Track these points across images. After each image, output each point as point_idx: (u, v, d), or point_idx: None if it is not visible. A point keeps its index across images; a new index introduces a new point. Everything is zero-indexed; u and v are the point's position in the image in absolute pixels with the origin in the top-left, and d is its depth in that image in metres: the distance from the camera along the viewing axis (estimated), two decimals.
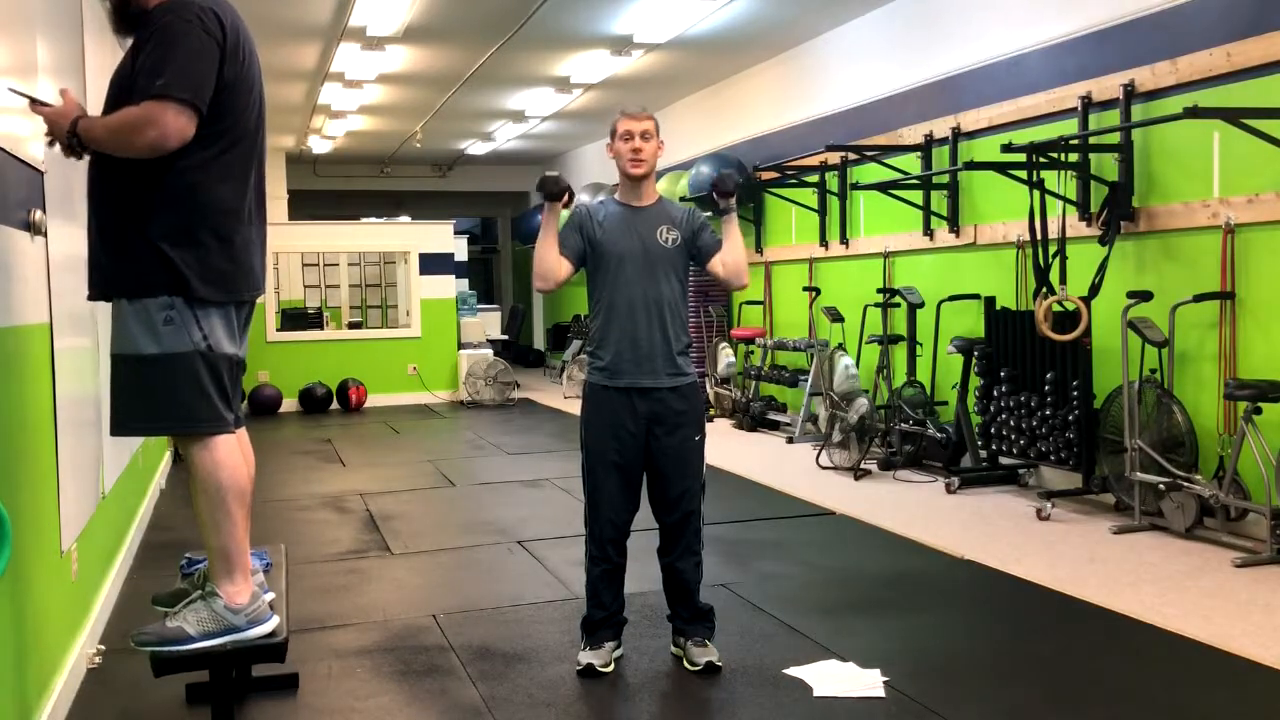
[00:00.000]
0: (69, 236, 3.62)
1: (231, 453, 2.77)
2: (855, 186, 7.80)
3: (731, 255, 3.57)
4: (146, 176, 2.66)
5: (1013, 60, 6.64)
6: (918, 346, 7.31)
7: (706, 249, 3.59)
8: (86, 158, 2.77)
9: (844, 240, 8.46)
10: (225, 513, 2.75)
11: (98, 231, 2.75)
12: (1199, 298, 5.16)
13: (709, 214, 3.69)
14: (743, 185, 3.59)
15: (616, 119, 3.56)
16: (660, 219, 3.57)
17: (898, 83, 7.78)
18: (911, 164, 7.49)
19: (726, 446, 8.15)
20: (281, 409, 11.43)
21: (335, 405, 11.62)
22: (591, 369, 3.60)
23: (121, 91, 2.68)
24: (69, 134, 2.64)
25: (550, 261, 3.53)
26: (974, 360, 6.38)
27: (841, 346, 7.58)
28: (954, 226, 7.11)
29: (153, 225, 2.66)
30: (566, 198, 3.56)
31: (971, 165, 6.31)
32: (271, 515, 6.07)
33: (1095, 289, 5.58)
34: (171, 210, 2.67)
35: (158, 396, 2.70)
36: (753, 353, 9.80)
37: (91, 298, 2.81)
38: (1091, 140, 5.79)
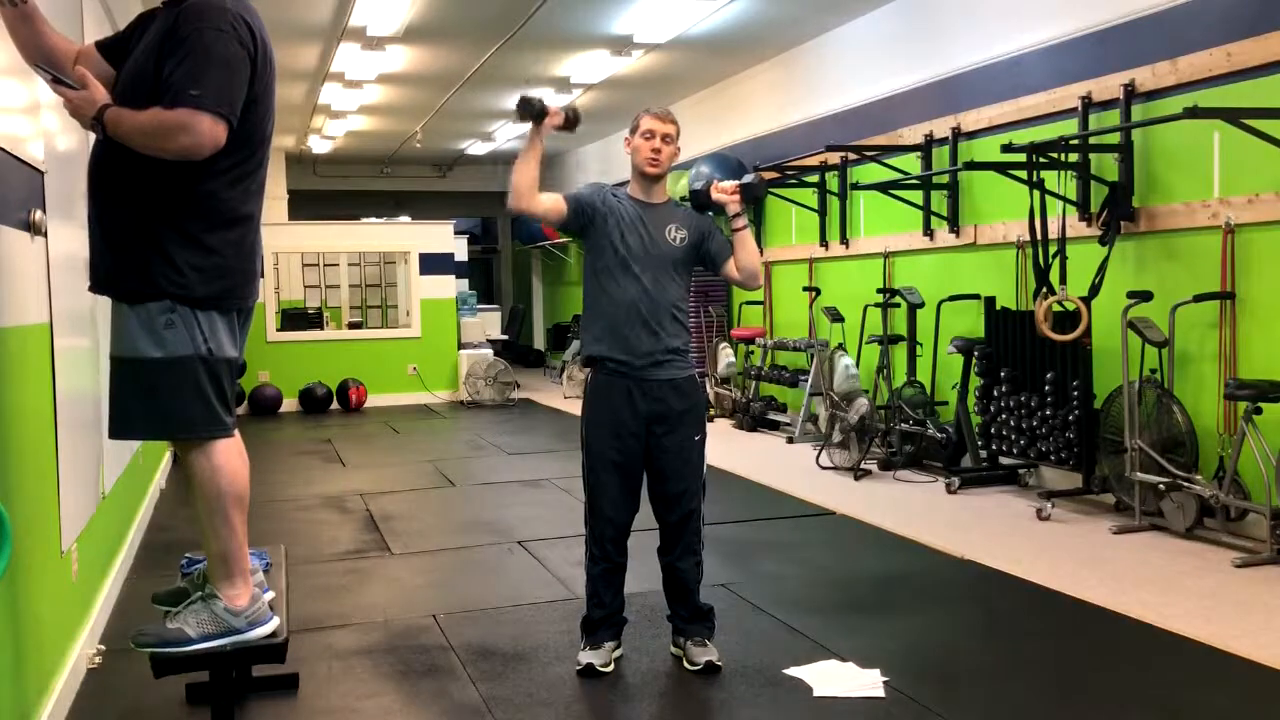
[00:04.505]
0: (69, 236, 3.62)
1: (230, 457, 2.75)
2: (855, 186, 7.80)
3: (749, 259, 3.57)
4: (164, 182, 2.63)
5: (1013, 60, 6.64)
6: (918, 346, 7.31)
7: (720, 254, 3.59)
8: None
9: (844, 240, 8.46)
10: (224, 518, 2.73)
11: (102, 232, 2.71)
12: (1199, 298, 5.16)
13: (710, 213, 3.68)
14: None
15: (641, 115, 3.57)
16: (669, 218, 3.58)
17: (898, 83, 7.78)
18: (911, 164, 7.49)
19: (726, 446, 8.15)
20: (281, 409, 11.43)
21: (335, 405, 11.62)
22: (591, 368, 3.59)
23: (140, 82, 2.64)
24: (94, 120, 2.60)
25: (527, 180, 3.44)
26: (974, 360, 6.38)
27: (841, 346, 7.58)
28: (954, 226, 7.11)
29: (165, 230, 2.64)
30: (563, 118, 3.51)
31: (971, 165, 6.31)
32: (271, 515, 6.07)
33: (1095, 289, 5.58)
34: (187, 216, 2.65)
35: (157, 400, 2.68)
36: (753, 353, 9.80)
37: (93, 290, 2.80)
38: (1091, 140, 5.79)
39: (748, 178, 3.62)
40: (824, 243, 8.75)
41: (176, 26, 2.61)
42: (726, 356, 9.69)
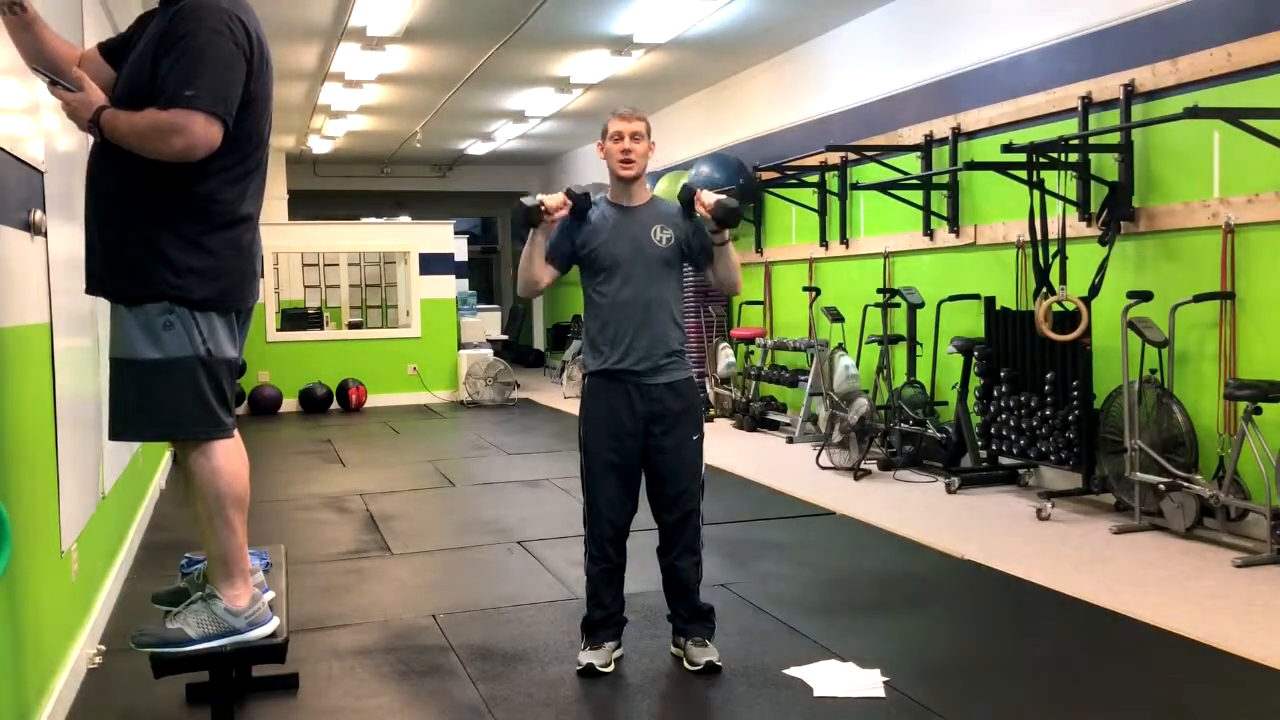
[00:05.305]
0: (69, 236, 3.62)
1: (230, 458, 2.75)
2: (855, 186, 7.80)
3: (726, 273, 3.59)
4: (161, 183, 2.62)
5: (1013, 60, 6.64)
6: (918, 346, 7.31)
7: (704, 253, 3.59)
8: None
9: (844, 240, 8.46)
10: (224, 520, 2.73)
11: (100, 234, 2.71)
12: (1199, 298, 5.16)
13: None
14: (744, 192, 3.50)
15: (608, 119, 3.56)
16: (653, 218, 3.57)
17: (898, 83, 7.78)
18: (911, 164, 7.49)
19: (726, 446, 8.15)
20: (281, 409, 11.44)
21: (335, 405, 11.63)
22: (588, 370, 3.59)
23: (137, 84, 2.63)
24: (90, 123, 2.59)
25: (535, 273, 3.58)
26: (974, 360, 6.38)
27: (841, 346, 7.58)
28: (954, 226, 7.11)
29: (163, 232, 2.64)
30: (572, 203, 3.54)
31: (971, 165, 6.32)
32: (271, 515, 6.07)
33: (1095, 289, 5.58)
34: (185, 217, 2.65)
35: (156, 402, 2.67)
36: (753, 353, 9.80)
37: (90, 292, 2.80)
38: (1091, 140, 5.79)
39: (724, 199, 3.48)
40: (824, 243, 8.75)
41: (172, 27, 2.61)
42: (726, 356, 9.69)
